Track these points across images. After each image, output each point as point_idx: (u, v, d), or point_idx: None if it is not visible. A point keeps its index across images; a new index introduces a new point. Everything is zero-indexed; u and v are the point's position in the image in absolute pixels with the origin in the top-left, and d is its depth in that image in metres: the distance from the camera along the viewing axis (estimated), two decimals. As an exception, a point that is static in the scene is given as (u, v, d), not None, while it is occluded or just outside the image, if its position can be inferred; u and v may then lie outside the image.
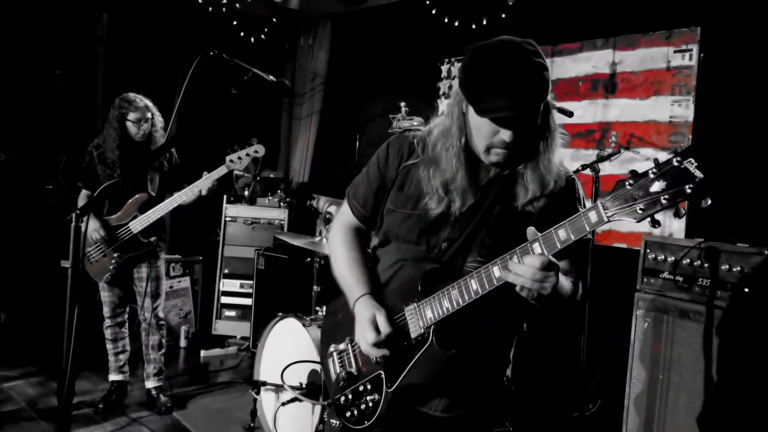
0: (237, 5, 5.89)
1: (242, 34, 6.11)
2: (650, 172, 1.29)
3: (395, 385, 1.70)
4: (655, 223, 1.29)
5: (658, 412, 2.98)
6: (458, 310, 1.60)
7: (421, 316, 1.66)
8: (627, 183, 1.31)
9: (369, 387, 1.77)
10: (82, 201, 3.86)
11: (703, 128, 3.88)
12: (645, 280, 3.14)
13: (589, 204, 1.46)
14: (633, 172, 1.32)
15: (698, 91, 3.91)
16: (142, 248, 3.82)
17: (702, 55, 3.88)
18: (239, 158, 3.83)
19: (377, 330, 1.68)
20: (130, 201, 3.78)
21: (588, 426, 3.62)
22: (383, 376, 1.73)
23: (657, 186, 1.27)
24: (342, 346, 1.87)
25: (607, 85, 4.36)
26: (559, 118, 3.92)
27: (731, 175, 3.68)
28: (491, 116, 1.54)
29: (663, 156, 4.20)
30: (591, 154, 4.35)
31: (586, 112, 4.45)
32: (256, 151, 3.90)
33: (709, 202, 1.24)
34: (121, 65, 5.67)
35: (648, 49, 4.14)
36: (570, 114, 3.51)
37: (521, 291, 1.48)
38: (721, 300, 2.79)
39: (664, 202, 1.27)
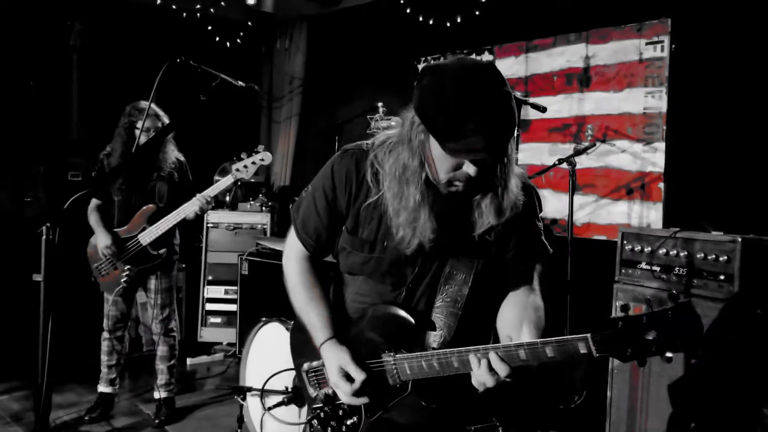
0: (211, 10, 5.87)
1: (217, 39, 6.09)
2: (643, 317, 1.29)
3: (375, 417, 1.71)
4: (642, 364, 1.32)
5: (640, 401, 3.02)
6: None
7: (399, 369, 1.65)
8: (618, 322, 1.30)
9: (348, 410, 1.76)
10: (92, 211, 3.79)
11: (677, 119, 3.93)
12: (623, 271, 3.17)
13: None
14: (624, 314, 1.31)
15: (671, 82, 3.95)
16: (152, 260, 3.78)
17: (673, 46, 3.92)
18: (245, 167, 3.69)
19: (350, 380, 1.66)
20: (138, 213, 3.74)
21: (574, 418, 3.65)
22: (362, 407, 1.73)
23: (649, 335, 1.28)
24: (315, 364, 1.85)
25: (582, 79, 4.40)
26: (534, 114, 3.95)
27: (705, 165, 3.74)
28: (464, 158, 1.46)
29: (638, 148, 4.21)
30: (568, 148, 4.39)
31: (561, 106, 4.49)
32: (262, 159, 3.74)
33: (699, 352, 1.28)
34: (96, 74, 5.63)
35: (620, 41, 4.18)
36: (543, 109, 3.54)
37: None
38: (698, 288, 2.83)
39: (653, 350, 1.28)
